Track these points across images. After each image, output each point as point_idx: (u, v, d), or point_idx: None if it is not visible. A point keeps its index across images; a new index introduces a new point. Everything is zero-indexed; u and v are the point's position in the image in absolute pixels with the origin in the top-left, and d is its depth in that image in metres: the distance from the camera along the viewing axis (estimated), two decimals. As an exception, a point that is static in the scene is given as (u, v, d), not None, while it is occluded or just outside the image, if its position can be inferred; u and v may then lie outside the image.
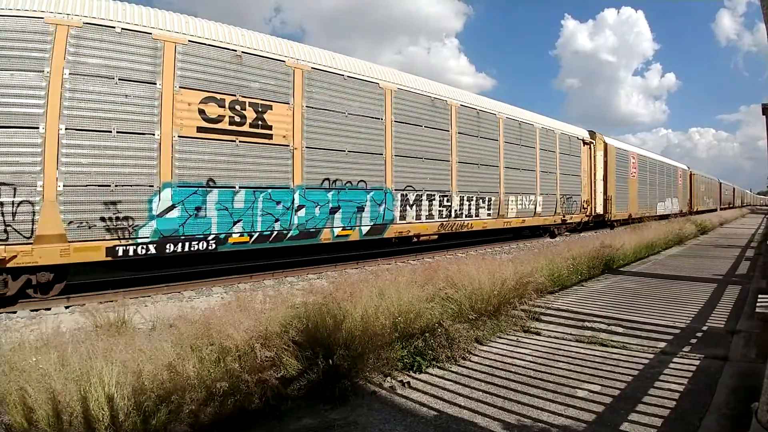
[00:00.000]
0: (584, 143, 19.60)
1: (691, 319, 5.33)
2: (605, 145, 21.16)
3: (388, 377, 3.55)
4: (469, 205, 12.93)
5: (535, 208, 15.93)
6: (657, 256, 11.60)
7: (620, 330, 4.86)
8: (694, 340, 4.51)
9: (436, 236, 12.00)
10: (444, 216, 12.09)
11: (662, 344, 4.39)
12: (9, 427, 2.39)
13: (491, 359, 4.03)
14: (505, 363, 3.92)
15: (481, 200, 13.30)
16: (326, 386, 3.20)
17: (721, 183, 56.79)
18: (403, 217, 10.88)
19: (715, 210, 45.14)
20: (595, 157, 20.22)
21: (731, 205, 67.95)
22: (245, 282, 8.36)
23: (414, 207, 11.19)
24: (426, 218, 11.53)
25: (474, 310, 4.85)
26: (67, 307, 6.46)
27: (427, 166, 11.58)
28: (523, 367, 3.83)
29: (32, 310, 6.25)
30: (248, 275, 8.72)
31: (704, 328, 4.97)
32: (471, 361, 3.98)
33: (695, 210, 36.53)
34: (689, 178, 37.31)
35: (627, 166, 23.40)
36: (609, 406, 3.08)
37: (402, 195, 10.87)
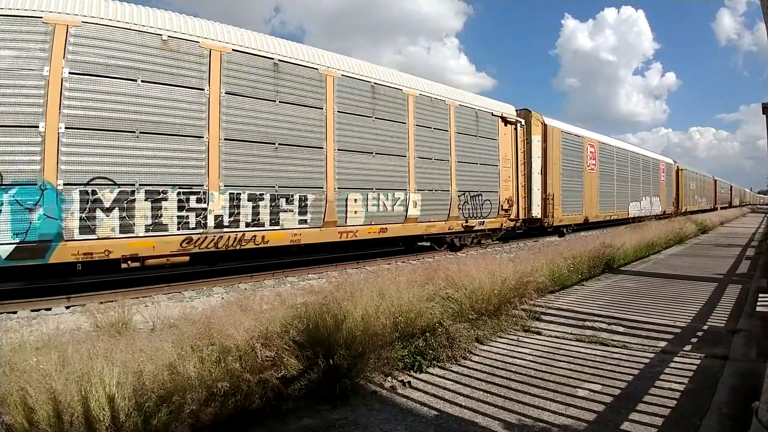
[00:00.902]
0: (506, 122, 14.30)
1: (691, 318, 5.33)
2: (544, 126, 16.12)
3: (389, 377, 3.55)
4: (254, 207, 8.35)
5: (406, 211, 10.98)
6: (658, 255, 11.60)
7: (621, 329, 4.86)
8: (694, 340, 4.51)
9: (183, 257, 7.67)
10: (193, 226, 7.62)
11: (663, 343, 4.39)
12: (10, 427, 2.39)
13: (492, 359, 4.03)
14: (506, 362, 3.92)
15: (284, 200, 8.73)
16: (327, 386, 3.20)
17: (716, 180, 52.01)
18: (89, 229, 6.65)
19: (710, 210, 41.97)
20: (527, 142, 15.28)
21: (730, 205, 63.13)
22: (246, 282, 8.36)
23: (116, 211, 6.87)
24: (151, 230, 7.19)
25: (474, 310, 4.85)
26: (67, 307, 6.46)
27: (147, 144, 7.16)
28: (523, 366, 3.82)
29: (32, 310, 6.25)
30: (249, 275, 8.73)
31: (705, 327, 4.97)
32: (472, 360, 3.98)
33: (683, 210, 32.53)
34: (676, 174, 32.74)
35: (581, 156, 18.66)
36: (610, 406, 3.08)
37: (85, 192, 6.62)
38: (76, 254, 6.52)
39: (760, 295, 6.40)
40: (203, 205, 7.71)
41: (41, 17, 6.35)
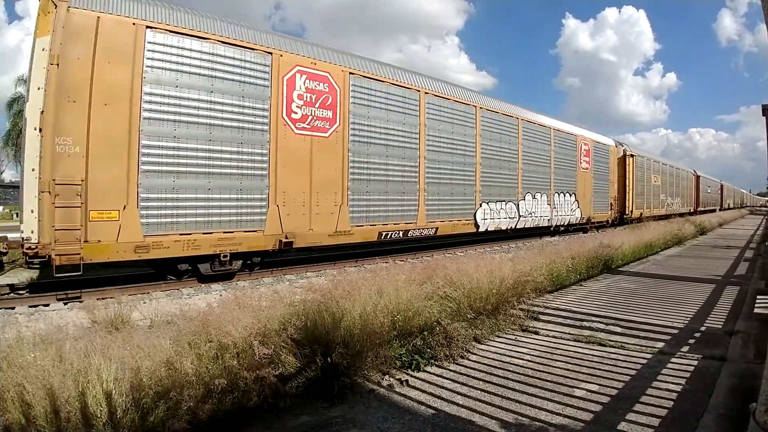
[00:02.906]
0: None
1: (689, 319, 5.33)
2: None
3: (387, 375, 3.55)
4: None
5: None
6: (656, 256, 11.61)
7: (618, 330, 4.86)
8: (692, 341, 4.52)
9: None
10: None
11: (660, 344, 4.40)
12: (7, 423, 2.38)
13: (490, 358, 4.03)
14: (504, 362, 3.92)
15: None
16: (325, 384, 3.20)
17: (699, 176, 40.98)
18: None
19: (688, 214, 32.54)
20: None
21: (719, 207, 52.15)
22: (244, 279, 8.35)
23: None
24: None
25: (472, 309, 4.85)
26: (65, 304, 6.45)
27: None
28: (521, 366, 3.83)
29: (30, 306, 6.24)
30: (246, 272, 8.71)
31: (702, 328, 4.98)
32: (469, 359, 3.98)
33: (633, 215, 22.95)
34: (624, 163, 22.79)
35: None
36: (607, 406, 3.08)
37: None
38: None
39: (758, 296, 6.41)
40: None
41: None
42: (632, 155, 23.47)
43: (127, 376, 2.62)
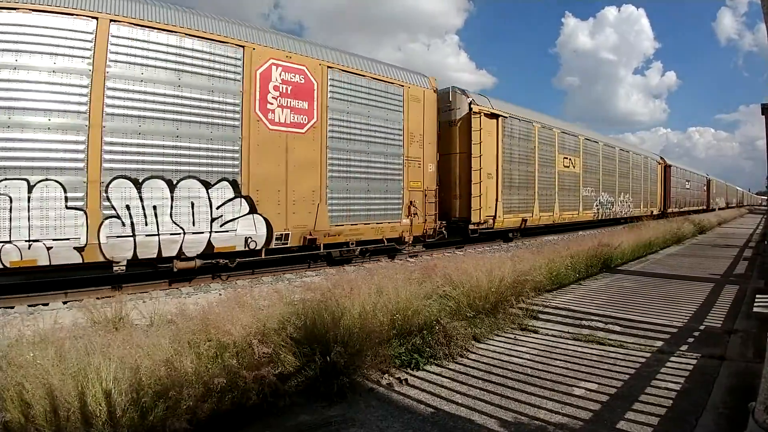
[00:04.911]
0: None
1: (688, 318, 5.34)
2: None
3: (386, 374, 3.55)
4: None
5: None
6: (655, 255, 11.62)
7: (618, 328, 4.87)
8: (691, 340, 4.53)
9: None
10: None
11: (659, 343, 4.40)
12: (6, 422, 2.38)
13: (489, 357, 4.03)
14: (503, 361, 3.93)
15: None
16: (324, 383, 3.20)
17: (668, 166, 29.94)
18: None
19: (650, 216, 24.07)
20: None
21: (707, 207, 41.47)
22: (243, 279, 8.35)
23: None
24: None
25: (472, 308, 4.86)
26: (64, 303, 6.45)
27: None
28: (520, 365, 3.83)
29: (30, 306, 6.24)
30: (247, 271, 8.72)
31: (702, 327, 4.99)
32: (469, 358, 3.98)
33: (482, 223, 13.10)
34: (467, 127, 12.75)
35: None
36: (606, 405, 3.09)
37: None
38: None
39: (758, 295, 6.42)
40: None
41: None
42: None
43: (127, 375, 2.62)
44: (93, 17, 6.49)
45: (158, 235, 6.96)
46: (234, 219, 7.76)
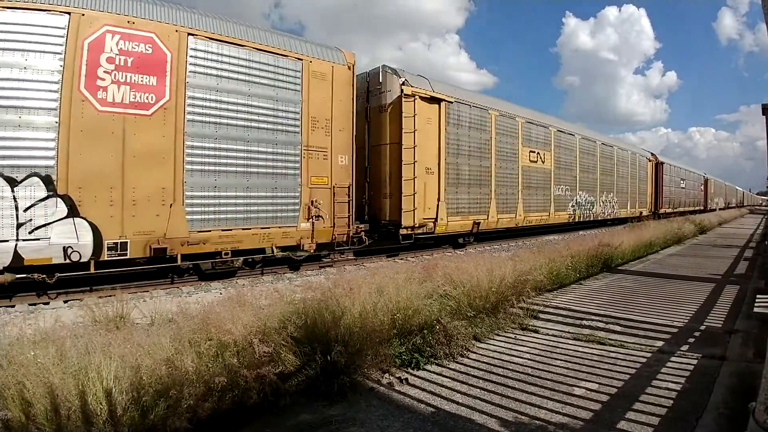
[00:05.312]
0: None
1: (689, 318, 5.34)
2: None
3: (387, 374, 3.55)
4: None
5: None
6: (656, 255, 11.62)
7: (618, 328, 4.87)
8: (691, 340, 4.52)
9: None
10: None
11: (660, 343, 4.40)
12: (7, 421, 2.38)
13: (489, 356, 4.03)
14: (503, 360, 3.93)
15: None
16: (324, 382, 3.20)
17: (661, 164, 27.40)
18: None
19: (634, 219, 22.67)
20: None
21: (705, 208, 38.45)
22: (244, 278, 8.36)
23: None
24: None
25: (472, 308, 4.86)
26: (65, 302, 6.45)
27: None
28: (520, 364, 3.83)
29: (30, 304, 6.25)
30: (247, 270, 8.72)
31: (702, 327, 4.98)
32: (469, 358, 3.98)
33: (416, 228, 10.94)
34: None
35: None
36: (606, 405, 3.09)
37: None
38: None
39: (758, 295, 6.42)
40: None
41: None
42: (437, 100, 11.45)
43: (128, 374, 2.62)
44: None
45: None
46: (47, 224, 6.05)
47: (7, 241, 5.83)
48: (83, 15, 6.39)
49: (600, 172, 20.12)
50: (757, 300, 6.16)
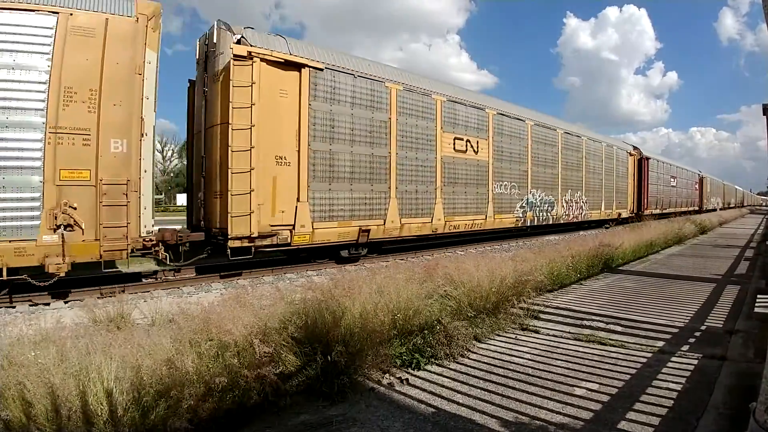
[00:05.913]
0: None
1: (689, 318, 5.33)
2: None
3: (387, 374, 3.55)
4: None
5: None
6: (656, 255, 11.61)
7: (619, 329, 4.86)
8: (692, 340, 4.52)
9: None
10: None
11: (660, 343, 4.40)
12: (8, 421, 2.39)
13: (490, 357, 4.03)
14: (504, 361, 3.93)
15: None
16: (325, 382, 3.20)
17: (646, 159, 24.63)
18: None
19: (612, 221, 21.15)
20: None
21: (700, 208, 35.76)
22: (244, 278, 8.35)
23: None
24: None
25: (473, 308, 4.86)
26: (66, 302, 6.46)
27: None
28: (521, 365, 3.83)
29: (31, 305, 6.25)
30: (248, 271, 8.72)
31: (702, 327, 4.98)
32: (469, 358, 3.98)
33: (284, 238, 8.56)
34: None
35: None
36: (607, 405, 3.08)
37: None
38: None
39: (759, 296, 6.41)
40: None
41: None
42: (296, 65, 8.70)
43: (128, 374, 2.63)
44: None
45: None
46: None
47: None
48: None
49: (562, 167, 16.97)
50: (757, 300, 6.16)
